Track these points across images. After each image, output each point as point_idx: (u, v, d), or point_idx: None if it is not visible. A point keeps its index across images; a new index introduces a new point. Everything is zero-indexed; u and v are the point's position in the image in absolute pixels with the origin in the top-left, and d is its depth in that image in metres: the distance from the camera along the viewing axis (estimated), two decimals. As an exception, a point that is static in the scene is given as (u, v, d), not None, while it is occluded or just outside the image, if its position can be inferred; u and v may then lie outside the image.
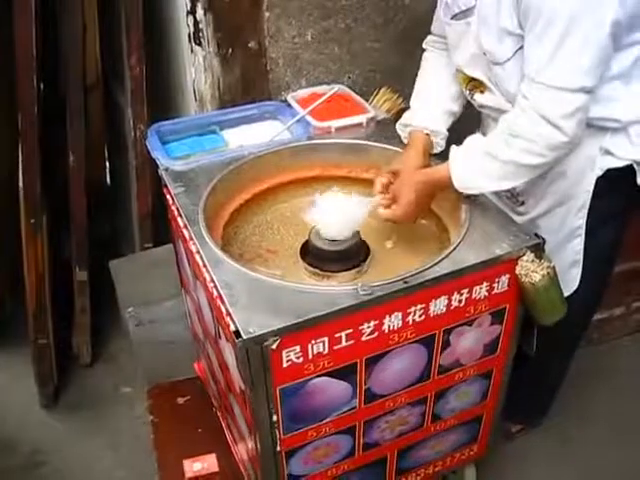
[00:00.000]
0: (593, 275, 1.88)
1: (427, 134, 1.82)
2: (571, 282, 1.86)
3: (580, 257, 1.84)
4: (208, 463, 2.16)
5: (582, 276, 1.87)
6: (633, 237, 1.98)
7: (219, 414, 2.21)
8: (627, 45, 1.53)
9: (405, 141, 1.89)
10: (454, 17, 1.70)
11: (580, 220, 1.79)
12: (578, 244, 1.82)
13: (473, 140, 1.64)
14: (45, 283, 2.44)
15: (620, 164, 1.69)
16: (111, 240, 3.18)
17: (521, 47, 1.54)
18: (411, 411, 1.75)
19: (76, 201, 2.49)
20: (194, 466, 2.15)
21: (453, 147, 1.66)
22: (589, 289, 1.89)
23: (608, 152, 1.68)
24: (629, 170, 1.70)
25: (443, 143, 1.84)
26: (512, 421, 2.36)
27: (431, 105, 1.86)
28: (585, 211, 1.77)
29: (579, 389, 2.52)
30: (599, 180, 1.72)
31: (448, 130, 1.86)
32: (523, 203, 1.85)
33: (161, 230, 2.55)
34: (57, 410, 2.64)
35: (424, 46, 1.95)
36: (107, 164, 3.40)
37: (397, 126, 1.94)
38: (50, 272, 2.47)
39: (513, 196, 1.86)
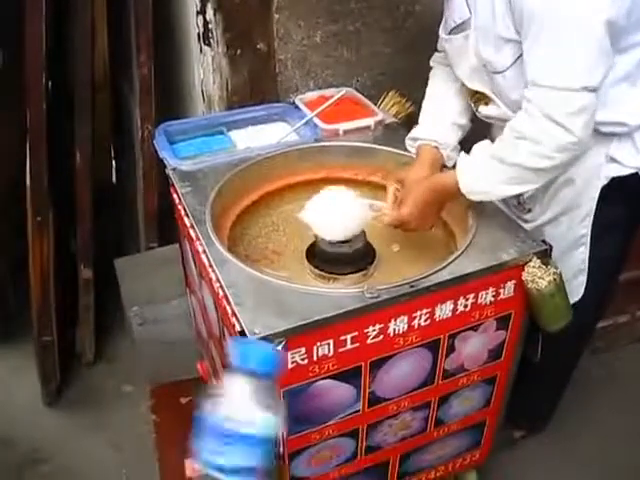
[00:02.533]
0: (598, 283, 1.88)
1: (435, 147, 1.81)
2: (576, 290, 1.85)
3: (585, 265, 1.84)
4: (210, 464, 2.16)
5: (587, 284, 1.86)
6: (638, 245, 1.97)
7: (222, 415, 2.20)
8: (630, 46, 1.53)
9: (414, 155, 1.88)
10: (451, 32, 1.71)
11: (585, 229, 1.78)
12: (583, 252, 1.82)
13: (480, 146, 1.62)
14: (50, 281, 2.44)
15: (625, 172, 1.69)
16: (116, 239, 3.18)
17: (521, 55, 1.53)
18: (414, 415, 1.74)
19: (82, 200, 2.50)
20: (195, 466, 2.15)
21: (461, 153, 1.66)
22: (594, 297, 1.89)
23: (614, 160, 1.68)
24: (634, 178, 1.69)
25: (455, 155, 1.80)
26: (514, 427, 2.35)
27: (438, 119, 1.86)
28: (590, 219, 1.76)
29: (583, 396, 2.51)
30: (604, 188, 1.71)
31: (460, 144, 1.85)
32: (530, 210, 1.84)
33: (166, 229, 2.56)
34: (59, 408, 2.64)
35: (431, 63, 1.95)
36: (113, 163, 3.41)
37: (406, 141, 1.92)
38: (55, 270, 2.47)
39: (520, 204, 1.86)
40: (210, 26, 2.10)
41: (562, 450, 2.40)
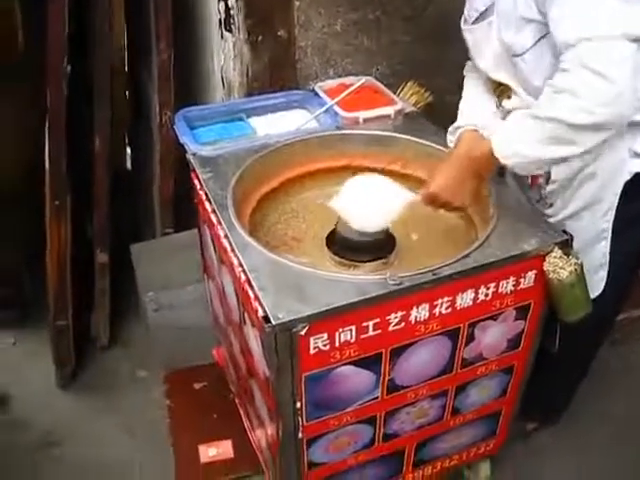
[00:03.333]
0: (618, 277, 1.87)
1: (475, 130, 1.72)
2: (596, 285, 1.84)
3: (606, 260, 1.83)
4: (223, 449, 2.18)
5: (607, 278, 1.85)
6: None
7: (237, 400, 2.22)
8: None
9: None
10: (474, 22, 1.70)
11: (606, 223, 1.77)
12: (604, 247, 1.81)
13: (516, 110, 1.58)
14: (67, 265, 2.45)
15: None
16: (132, 225, 3.19)
17: (543, 37, 1.52)
18: (432, 404, 1.75)
19: (100, 184, 2.50)
20: (209, 451, 2.17)
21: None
22: (614, 291, 1.88)
23: (638, 155, 1.67)
24: None
25: None
26: (528, 419, 2.35)
27: (476, 111, 1.82)
28: (612, 214, 1.75)
29: (597, 387, 2.50)
30: (627, 184, 1.70)
31: None
32: (551, 205, 1.83)
33: (182, 215, 2.56)
34: (74, 391, 2.65)
35: (464, 73, 1.93)
36: (128, 149, 3.42)
37: (448, 137, 1.87)
38: (72, 254, 2.48)
39: (542, 198, 1.83)
40: (232, 12, 2.10)
41: (576, 441, 2.40)
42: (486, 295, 1.56)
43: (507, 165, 1.54)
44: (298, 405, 1.51)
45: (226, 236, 1.59)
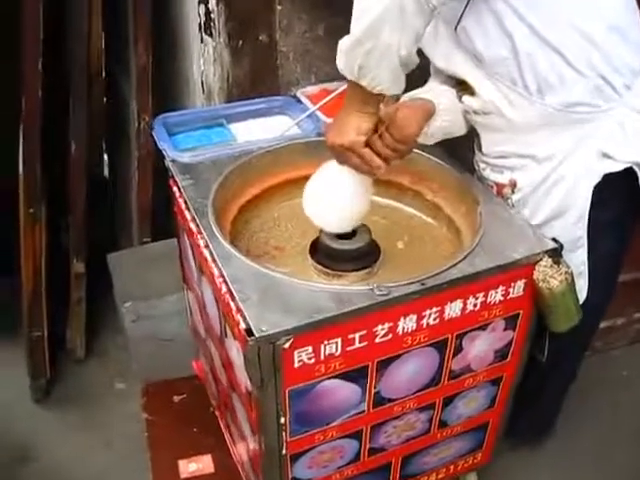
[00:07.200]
0: (599, 285, 1.80)
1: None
2: (578, 293, 1.80)
3: (585, 268, 1.75)
4: (203, 464, 2.14)
5: (589, 286, 1.79)
6: (635, 247, 1.92)
7: (217, 414, 2.16)
8: None
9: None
10: None
11: (580, 230, 1.69)
12: (581, 254, 1.73)
13: None
14: (42, 274, 2.39)
15: (619, 167, 1.61)
16: (109, 233, 3.13)
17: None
18: (419, 416, 1.71)
19: (76, 192, 2.45)
20: (189, 467, 2.13)
21: None
22: (595, 299, 1.81)
23: (606, 155, 1.60)
24: (628, 174, 1.62)
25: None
26: (516, 431, 2.29)
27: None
28: (585, 220, 1.68)
29: (581, 397, 2.48)
30: (597, 187, 1.63)
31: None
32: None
33: (160, 224, 2.51)
34: (49, 405, 2.59)
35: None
36: (105, 157, 3.36)
37: None
38: (47, 263, 2.42)
39: (510, 207, 1.80)
40: (212, 16, 2.06)
41: (562, 452, 2.38)
42: (475, 305, 1.52)
43: (343, 72, 1.50)
44: (282, 420, 1.46)
45: (206, 245, 1.54)
